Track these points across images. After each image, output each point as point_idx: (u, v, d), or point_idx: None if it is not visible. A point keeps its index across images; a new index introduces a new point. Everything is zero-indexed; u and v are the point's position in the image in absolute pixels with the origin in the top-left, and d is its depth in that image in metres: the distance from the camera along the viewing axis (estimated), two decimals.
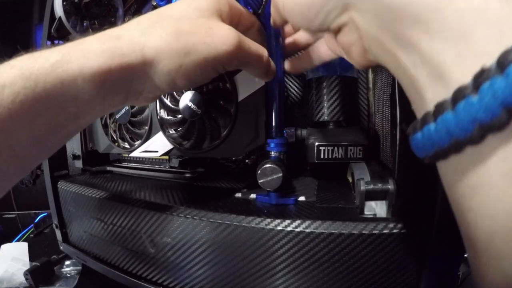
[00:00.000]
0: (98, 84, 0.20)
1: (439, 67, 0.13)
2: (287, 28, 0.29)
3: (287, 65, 0.30)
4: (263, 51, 0.25)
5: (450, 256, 0.23)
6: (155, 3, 0.46)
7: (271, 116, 0.30)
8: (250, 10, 0.29)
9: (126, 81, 0.21)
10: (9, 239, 0.62)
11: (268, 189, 0.28)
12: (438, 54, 0.13)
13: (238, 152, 0.33)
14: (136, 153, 0.40)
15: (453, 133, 0.12)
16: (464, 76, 0.12)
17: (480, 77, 0.11)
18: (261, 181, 0.28)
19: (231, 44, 0.22)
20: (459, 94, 0.12)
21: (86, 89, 0.20)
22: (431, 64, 0.14)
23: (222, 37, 0.22)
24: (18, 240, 0.63)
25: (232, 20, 0.25)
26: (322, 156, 0.31)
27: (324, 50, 0.26)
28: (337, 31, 0.19)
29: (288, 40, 0.29)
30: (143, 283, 0.34)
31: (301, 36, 0.28)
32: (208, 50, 0.21)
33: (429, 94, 0.14)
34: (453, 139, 0.12)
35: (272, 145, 0.30)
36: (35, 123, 0.20)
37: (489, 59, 0.11)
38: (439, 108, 0.13)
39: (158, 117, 0.37)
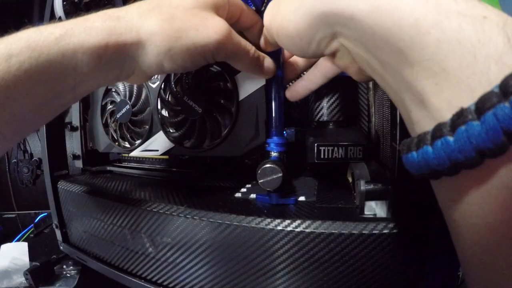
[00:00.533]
0: (96, 58, 0.22)
1: (420, 94, 0.14)
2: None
3: (290, 92, 0.30)
4: (251, 47, 0.26)
5: (450, 256, 0.23)
6: None
7: (271, 116, 0.30)
8: (252, 6, 0.29)
9: (121, 58, 0.23)
10: (9, 239, 0.62)
11: (268, 189, 0.28)
12: (418, 82, 0.14)
13: (238, 151, 0.33)
14: (136, 152, 0.40)
15: (452, 157, 0.13)
16: (443, 106, 0.13)
17: (457, 120, 0.12)
18: (261, 181, 0.28)
19: (221, 34, 0.23)
20: (437, 131, 0.13)
21: (84, 62, 0.22)
22: (413, 91, 0.14)
23: (214, 27, 0.23)
24: (18, 240, 0.63)
25: (232, 16, 0.27)
26: (322, 156, 0.31)
27: (327, 67, 0.27)
28: (332, 56, 0.20)
29: (289, 61, 0.30)
30: (143, 283, 0.34)
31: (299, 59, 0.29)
32: (199, 37, 0.23)
33: (414, 117, 0.15)
34: (451, 163, 0.13)
35: (272, 145, 0.30)
36: (37, 91, 0.22)
37: (466, 90, 0.12)
38: (437, 131, 0.13)
39: (159, 116, 0.37)
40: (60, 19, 0.41)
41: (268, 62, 0.28)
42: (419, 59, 0.13)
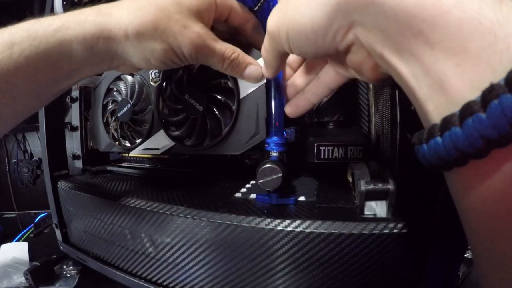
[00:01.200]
0: (89, 49, 0.25)
1: (440, 77, 0.14)
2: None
3: (291, 107, 0.29)
4: (228, 53, 0.28)
5: (450, 256, 0.23)
6: None
7: (271, 115, 0.30)
8: (253, 7, 0.29)
9: (111, 51, 0.26)
10: (9, 239, 0.62)
11: (268, 189, 0.28)
12: (439, 64, 0.14)
13: (238, 149, 0.33)
14: (137, 151, 0.40)
15: (460, 147, 0.13)
16: (464, 86, 0.13)
17: (465, 112, 0.12)
18: (261, 181, 0.28)
19: (196, 44, 0.26)
20: (467, 110, 0.12)
21: (79, 51, 0.25)
22: (432, 75, 0.14)
23: (190, 37, 0.26)
24: (18, 240, 0.63)
25: (221, 16, 0.29)
26: (322, 156, 0.31)
27: (331, 77, 0.26)
28: (345, 52, 0.20)
29: (287, 82, 0.29)
30: (143, 283, 0.34)
31: (300, 76, 0.28)
32: (176, 44, 0.26)
33: (430, 105, 0.15)
34: (459, 153, 0.13)
35: (272, 145, 0.30)
36: (36, 77, 0.24)
37: (487, 69, 0.12)
38: (446, 122, 0.13)
39: (160, 115, 0.38)
40: None
41: (251, 69, 0.29)
42: (441, 39, 0.13)
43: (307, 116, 0.39)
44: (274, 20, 0.21)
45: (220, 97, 0.34)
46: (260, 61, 0.31)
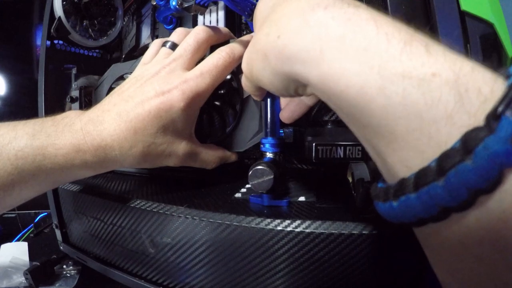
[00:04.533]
0: (77, 159, 0.27)
1: (378, 151, 0.14)
2: None
3: (286, 112, 0.29)
4: (214, 160, 0.33)
5: None
6: (155, 3, 0.46)
7: (266, 115, 0.30)
8: (246, 19, 0.30)
9: (100, 158, 0.28)
10: (9, 239, 0.62)
11: (259, 191, 0.28)
12: (375, 141, 0.14)
13: (241, 146, 0.34)
14: None
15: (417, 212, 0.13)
16: (397, 166, 0.13)
17: (419, 180, 0.12)
18: (252, 182, 0.27)
19: (176, 162, 0.31)
20: (400, 190, 0.13)
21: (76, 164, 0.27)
22: (373, 147, 0.15)
23: (174, 162, 0.31)
24: (18, 240, 0.63)
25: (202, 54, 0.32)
26: (320, 156, 0.31)
27: None
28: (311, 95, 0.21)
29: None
30: (143, 283, 0.34)
31: None
32: (160, 161, 0.30)
33: (379, 167, 0.16)
34: (418, 216, 0.13)
35: (267, 145, 0.30)
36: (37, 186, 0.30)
37: (416, 152, 0.12)
38: (386, 193, 0.14)
39: None
40: (59, 19, 0.41)
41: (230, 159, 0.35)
42: (369, 123, 0.14)
43: (306, 115, 0.39)
44: (244, 67, 0.21)
45: (224, 96, 0.34)
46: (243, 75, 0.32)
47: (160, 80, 0.28)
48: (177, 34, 0.33)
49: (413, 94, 0.12)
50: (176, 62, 0.29)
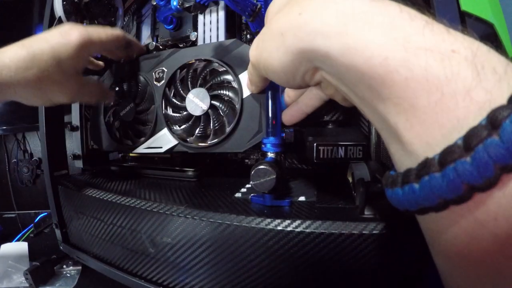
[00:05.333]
0: None
1: (394, 128, 0.14)
2: None
3: (285, 116, 0.30)
4: (98, 93, 0.39)
5: None
6: (155, 3, 0.46)
7: (268, 115, 0.30)
8: (246, 19, 0.30)
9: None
10: (9, 239, 0.62)
11: (261, 191, 0.28)
12: (391, 116, 0.14)
13: (241, 147, 0.34)
14: (139, 150, 0.40)
15: (420, 202, 0.13)
16: (415, 141, 0.13)
17: (445, 158, 0.12)
18: (254, 182, 0.27)
19: (67, 96, 0.35)
20: (424, 169, 0.13)
21: None
22: (388, 125, 0.15)
23: (65, 93, 0.35)
24: (18, 240, 0.63)
25: (104, 48, 0.38)
26: (321, 156, 0.31)
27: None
28: (317, 85, 0.21)
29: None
30: (143, 283, 0.34)
31: (292, 90, 0.30)
32: (56, 100, 0.35)
33: (391, 149, 0.16)
34: (421, 204, 0.13)
35: (269, 145, 0.30)
36: None
37: (435, 126, 0.12)
38: (405, 176, 0.14)
39: (163, 114, 0.38)
40: (60, 19, 0.41)
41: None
42: (390, 96, 0.14)
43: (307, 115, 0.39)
44: (253, 54, 0.21)
45: (223, 97, 0.34)
46: (244, 75, 0.32)
47: (65, 27, 0.34)
48: None
49: (435, 67, 0.12)
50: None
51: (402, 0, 0.15)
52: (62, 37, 0.33)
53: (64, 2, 0.41)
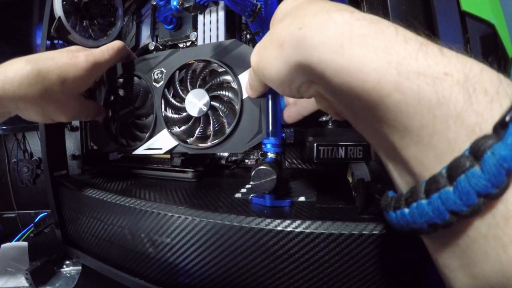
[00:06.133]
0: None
1: (391, 146, 0.15)
2: None
3: (284, 116, 0.31)
4: (95, 112, 0.41)
5: None
6: (155, 3, 0.46)
7: (268, 116, 0.30)
8: (246, 19, 0.30)
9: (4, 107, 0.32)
10: (9, 239, 0.62)
11: (262, 192, 0.28)
12: (389, 135, 0.15)
13: (241, 147, 0.34)
14: (139, 151, 0.40)
15: (409, 224, 0.14)
16: (410, 160, 0.14)
17: (430, 186, 0.13)
18: (255, 183, 0.27)
19: (69, 115, 0.36)
20: (412, 196, 0.14)
21: None
22: (385, 142, 0.15)
23: (67, 116, 0.36)
24: (18, 240, 0.63)
25: (114, 62, 0.39)
26: (321, 156, 0.31)
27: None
28: (311, 98, 0.22)
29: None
30: (143, 283, 0.34)
31: None
32: (54, 111, 0.35)
33: (389, 167, 0.17)
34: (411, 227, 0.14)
35: (269, 145, 0.30)
36: None
37: (428, 147, 0.13)
38: (397, 200, 0.15)
39: (163, 115, 0.38)
40: (59, 19, 0.41)
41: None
42: (383, 117, 0.14)
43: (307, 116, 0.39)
44: (254, 59, 0.22)
45: (223, 97, 0.34)
46: (243, 76, 0.33)
47: (72, 49, 0.36)
48: None
49: (427, 91, 0.12)
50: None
51: (404, 14, 0.15)
52: (70, 58, 0.33)
53: (64, 2, 0.41)
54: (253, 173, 0.27)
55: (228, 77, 0.34)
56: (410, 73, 0.13)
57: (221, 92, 0.35)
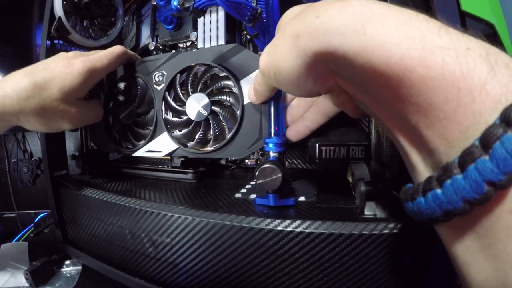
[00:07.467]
0: None
1: (415, 128, 0.15)
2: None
3: (291, 132, 0.30)
4: (96, 115, 0.40)
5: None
6: (155, 3, 0.46)
7: (270, 115, 0.30)
8: (246, 24, 0.30)
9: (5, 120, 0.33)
10: (9, 239, 0.62)
11: (267, 191, 0.28)
12: (411, 116, 0.15)
13: (241, 153, 0.33)
14: (139, 153, 0.40)
15: (425, 214, 0.14)
16: (436, 139, 0.14)
17: (443, 175, 0.13)
18: (260, 182, 0.27)
19: (70, 123, 0.36)
20: (427, 185, 0.14)
21: None
22: (408, 125, 0.15)
23: (67, 123, 0.36)
24: (18, 240, 0.63)
25: (116, 65, 0.38)
26: (323, 156, 0.31)
27: (329, 105, 0.27)
28: (327, 93, 0.21)
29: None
30: (143, 283, 0.34)
31: (297, 107, 0.30)
32: (60, 127, 0.36)
33: (411, 158, 0.16)
34: (427, 216, 0.14)
35: (271, 145, 0.30)
36: None
37: (453, 123, 0.13)
38: (415, 190, 0.15)
39: (163, 118, 0.38)
40: (60, 19, 0.41)
41: None
42: (407, 94, 0.14)
43: None
44: (264, 60, 0.21)
45: (224, 102, 0.34)
46: (245, 81, 0.33)
47: (69, 55, 0.35)
48: None
49: (451, 64, 0.12)
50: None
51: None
52: (66, 66, 0.33)
53: (64, 2, 0.41)
54: (257, 172, 0.27)
55: (230, 82, 0.34)
56: (434, 47, 0.13)
57: (222, 97, 0.34)
